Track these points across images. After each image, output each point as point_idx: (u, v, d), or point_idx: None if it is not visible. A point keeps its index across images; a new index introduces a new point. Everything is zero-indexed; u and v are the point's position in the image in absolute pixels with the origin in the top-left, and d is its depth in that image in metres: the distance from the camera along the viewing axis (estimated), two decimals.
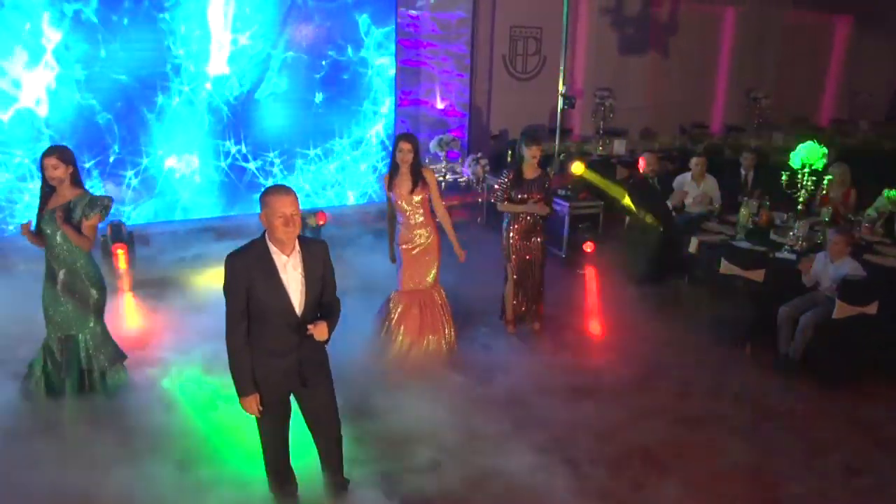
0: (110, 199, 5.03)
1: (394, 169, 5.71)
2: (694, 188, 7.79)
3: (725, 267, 6.35)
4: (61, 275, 4.97)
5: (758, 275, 6.19)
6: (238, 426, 4.53)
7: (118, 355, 5.26)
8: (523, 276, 6.44)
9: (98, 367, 5.12)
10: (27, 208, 8.01)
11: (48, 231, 4.90)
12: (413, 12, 9.98)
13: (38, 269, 5.20)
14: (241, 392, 3.63)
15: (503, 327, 6.62)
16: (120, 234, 7.48)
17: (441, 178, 9.68)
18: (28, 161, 8.06)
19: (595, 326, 6.90)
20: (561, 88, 9.30)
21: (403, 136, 5.75)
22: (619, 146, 10.69)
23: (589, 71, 12.02)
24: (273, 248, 3.53)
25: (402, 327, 5.92)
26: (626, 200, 7.53)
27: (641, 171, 7.66)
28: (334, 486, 4.11)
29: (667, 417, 5.35)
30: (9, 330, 5.89)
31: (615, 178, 9.36)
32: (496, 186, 6.39)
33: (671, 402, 5.60)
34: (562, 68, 9.35)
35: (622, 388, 5.75)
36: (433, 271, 5.98)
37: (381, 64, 9.64)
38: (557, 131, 9.60)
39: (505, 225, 6.43)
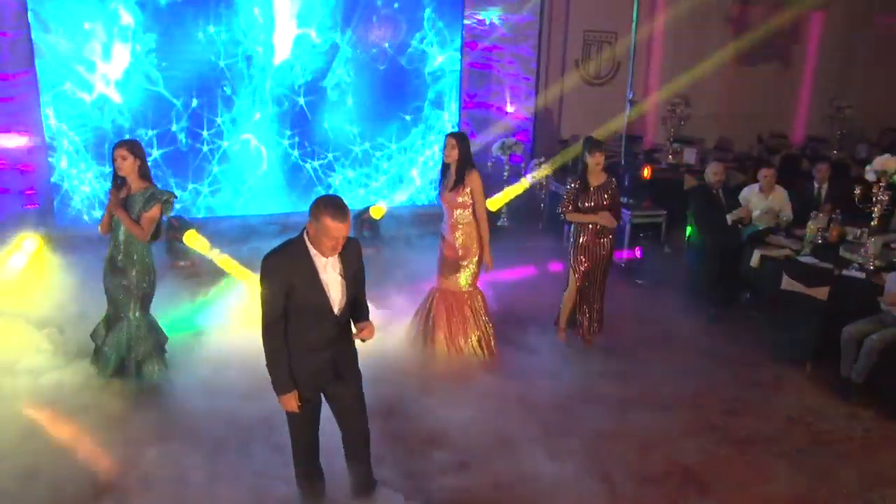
0: (172, 194, 5.24)
1: (445, 167, 5.73)
2: (762, 200, 7.47)
3: (787, 283, 6.06)
4: (118, 260, 5.19)
5: (821, 292, 5.87)
6: (272, 419, 4.60)
7: (158, 350, 5.44)
8: (587, 283, 6.30)
9: (135, 356, 5.33)
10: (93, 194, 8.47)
11: (115, 219, 5.16)
12: (480, 15, 9.96)
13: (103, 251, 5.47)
14: (281, 390, 3.67)
15: (555, 333, 6.51)
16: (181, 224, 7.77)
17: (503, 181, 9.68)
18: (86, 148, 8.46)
19: (648, 338, 6.70)
20: (628, 94, 9.11)
21: (451, 133, 5.79)
22: (689, 155, 10.36)
23: (664, 77, 11.70)
24: (313, 251, 3.55)
25: (435, 326, 5.94)
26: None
27: (706, 180, 7.40)
28: (361, 486, 4.12)
29: (713, 436, 5.16)
30: (69, 309, 6.17)
31: (682, 187, 9.11)
32: (564, 196, 6.24)
33: (719, 419, 5.39)
34: (630, 73, 9.16)
35: (669, 401, 5.59)
36: (466, 275, 5.93)
37: (446, 65, 9.67)
38: (623, 138, 9.40)
39: (571, 231, 6.32)
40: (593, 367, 6.07)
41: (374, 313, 6.31)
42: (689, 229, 7.38)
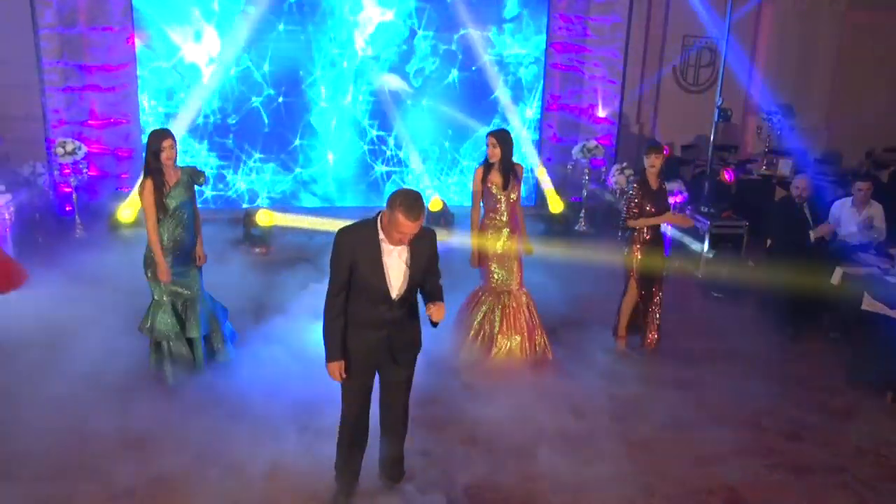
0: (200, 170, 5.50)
1: (487, 164, 5.68)
2: (854, 215, 6.96)
3: (868, 303, 5.62)
4: (186, 243, 5.36)
5: None
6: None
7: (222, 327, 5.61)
8: (645, 290, 6.08)
9: (198, 338, 5.45)
10: None
11: (175, 203, 5.21)
12: (566, 14, 9.82)
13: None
14: (329, 357, 3.79)
15: (615, 339, 6.31)
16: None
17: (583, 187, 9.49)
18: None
19: (716, 351, 6.36)
20: (717, 100, 8.73)
21: (492, 131, 5.70)
22: (784, 166, 9.80)
23: (767, 86, 11.13)
24: (382, 235, 3.61)
25: (484, 325, 5.86)
26: None
27: (790, 193, 6.97)
28: (389, 468, 4.17)
29: (768, 458, 4.85)
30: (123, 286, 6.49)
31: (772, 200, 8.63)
32: (630, 202, 5.97)
33: (778, 443, 5.05)
34: (720, 78, 8.78)
35: (727, 418, 5.29)
36: (517, 273, 5.85)
37: (529, 64, 9.59)
38: (710, 147, 9.00)
39: (629, 236, 6.13)
40: (650, 375, 5.86)
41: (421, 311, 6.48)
42: (768, 242, 6.98)
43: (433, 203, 9.06)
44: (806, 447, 5.01)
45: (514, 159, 5.76)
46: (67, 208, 8.67)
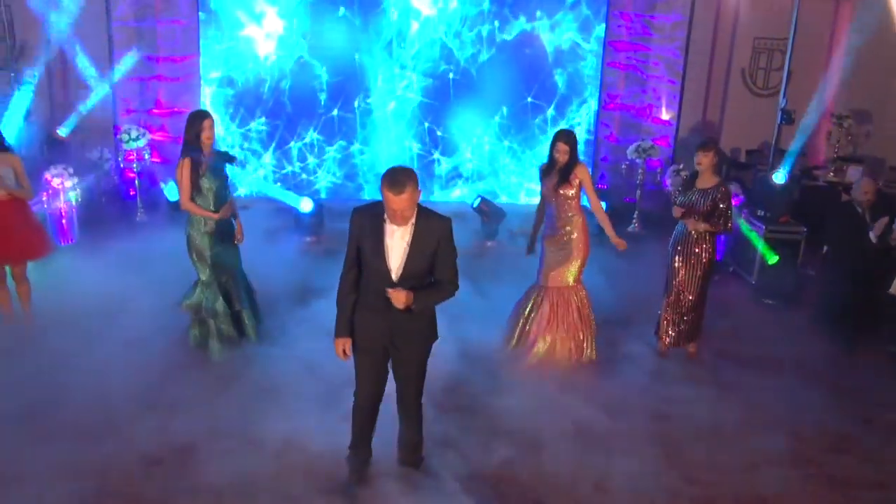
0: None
1: (550, 163, 5.65)
2: None
3: None
4: (223, 226, 5.53)
5: None
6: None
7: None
8: (681, 292, 5.93)
9: (245, 308, 5.66)
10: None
11: (209, 184, 5.37)
12: (627, 12, 9.66)
13: None
14: (336, 333, 3.88)
15: (657, 341, 6.15)
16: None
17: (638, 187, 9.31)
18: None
19: (763, 358, 6.13)
20: (781, 102, 8.43)
21: (561, 133, 5.64)
22: (853, 173, 9.34)
23: (843, 90, 10.64)
24: (386, 216, 3.65)
25: (534, 322, 5.83)
26: None
27: (853, 197, 6.65)
28: (407, 452, 4.19)
29: (803, 469, 4.65)
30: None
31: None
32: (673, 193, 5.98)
33: (818, 454, 4.84)
34: (784, 80, 8.47)
35: (767, 428, 5.07)
36: (573, 271, 5.77)
37: (588, 63, 9.49)
38: (772, 150, 8.69)
39: (673, 235, 6.00)
40: (692, 377, 5.73)
41: (473, 303, 6.46)
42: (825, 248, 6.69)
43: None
44: (847, 460, 4.79)
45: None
46: (131, 192, 9.03)
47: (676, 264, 5.88)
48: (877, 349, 6.34)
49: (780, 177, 7.80)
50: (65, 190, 7.83)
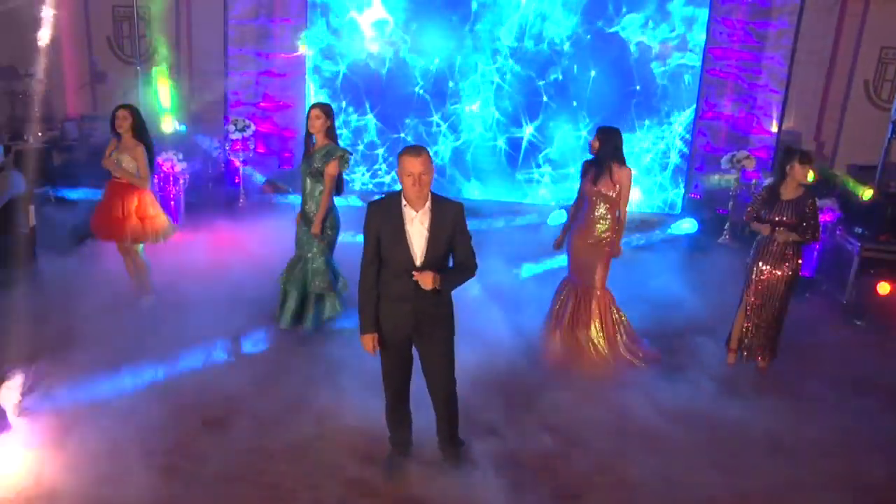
0: (347, 151, 5.82)
1: (593, 159, 5.68)
2: None
3: None
4: (307, 209, 5.86)
5: None
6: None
7: (333, 287, 5.98)
8: (759, 305, 5.76)
9: (314, 290, 5.91)
10: None
11: (301, 168, 5.87)
12: (730, 19, 9.40)
13: None
14: (362, 329, 4.00)
15: (723, 353, 6.02)
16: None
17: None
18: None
19: (840, 380, 5.84)
20: (893, 114, 7.97)
21: (600, 126, 5.68)
22: None
23: None
24: (404, 203, 3.83)
25: (558, 314, 5.89)
26: None
27: None
28: (444, 441, 4.30)
29: (858, 496, 4.41)
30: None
31: None
32: (751, 202, 5.81)
33: (877, 481, 4.54)
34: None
35: (829, 450, 4.83)
36: (599, 271, 5.76)
37: (687, 69, 9.32)
38: (880, 166, 8.22)
39: (754, 245, 5.85)
40: (761, 392, 5.54)
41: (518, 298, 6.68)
42: None
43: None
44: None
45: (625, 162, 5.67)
46: (236, 180, 9.64)
47: (759, 275, 5.71)
48: None
49: (866, 194, 7.36)
50: (174, 175, 8.47)
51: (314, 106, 5.78)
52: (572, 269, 5.89)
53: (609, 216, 5.69)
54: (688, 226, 9.25)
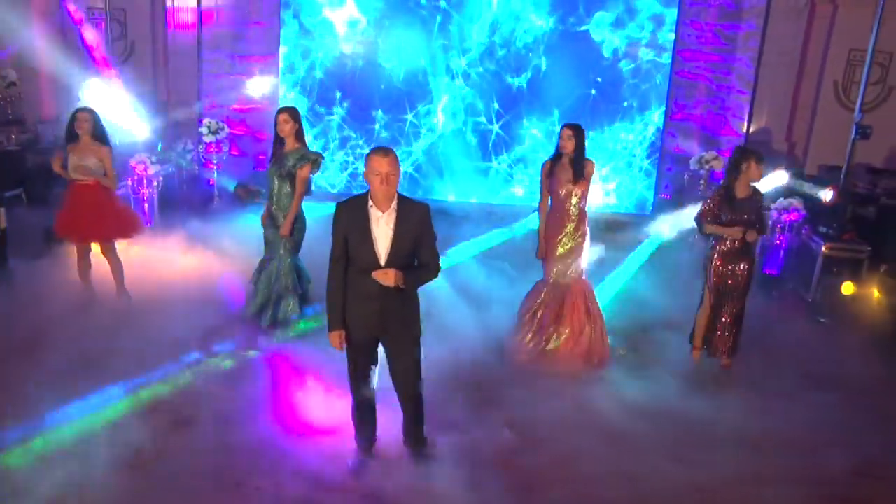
0: (320, 154, 5.85)
1: (556, 157, 5.70)
2: None
3: None
4: (273, 210, 5.90)
5: None
6: None
7: (294, 290, 5.99)
8: (720, 303, 5.85)
9: (275, 293, 5.94)
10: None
11: (268, 170, 5.88)
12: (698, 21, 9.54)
13: None
14: (329, 326, 4.05)
15: (688, 351, 6.09)
16: None
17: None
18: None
19: (802, 376, 5.94)
20: (856, 116, 8.13)
21: (567, 124, 5.69)
22: None
23: None
24: (371, 204, 3.89)
25: (539, 316, 5.89)
26: None
27: None
28: (410, 438, 4.37)
29: (822, 490, 4.49)
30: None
31: None
32: (704, 204, 5.85)
33: (842, 476, 4.64)
34: (862, 90, 8.17)
35: (793, 445, 4.92)
36: (577, 264, 5.85)
37: (655, 71, 9.43)
38: (844, 167, 8.36)
39: (710, 244, 5.92)
40: (724, 388, 5.63)
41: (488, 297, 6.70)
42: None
43: None
44: (872, 485, 4.60)
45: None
46: (210, 182, 9.63)
47: (719, 273, 5.78)
48: None
49: (826, 195, 7.50)
50: (147, 176, 8.45)
51: (281, 110, 5.80)
52: (553, 270, 5.88)
53: (579, 208, 5.77)
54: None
